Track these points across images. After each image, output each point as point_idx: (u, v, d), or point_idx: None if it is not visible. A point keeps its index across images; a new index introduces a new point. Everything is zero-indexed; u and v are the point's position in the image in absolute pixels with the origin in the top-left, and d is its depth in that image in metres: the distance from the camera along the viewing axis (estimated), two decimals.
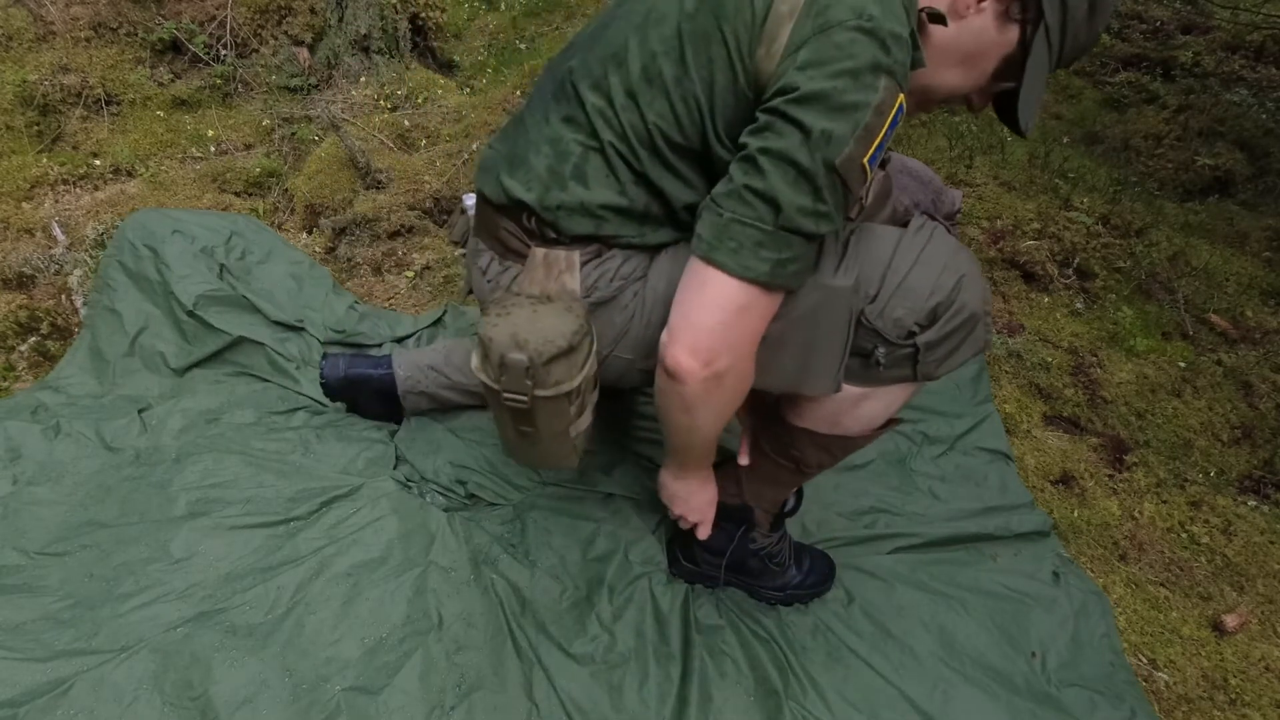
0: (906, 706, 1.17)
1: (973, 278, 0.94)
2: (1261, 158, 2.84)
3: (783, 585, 1.29)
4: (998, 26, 0.88)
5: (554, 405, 0.94)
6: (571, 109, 0.94)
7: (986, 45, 0.89)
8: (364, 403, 1.50)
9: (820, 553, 1.35)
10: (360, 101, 2.48)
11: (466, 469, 1.41)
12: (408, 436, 1.46)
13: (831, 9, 0.78)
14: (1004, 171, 2.68)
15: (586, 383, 0.97)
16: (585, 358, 0.94)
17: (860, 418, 1.04)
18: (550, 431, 0.99)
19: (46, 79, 2.28)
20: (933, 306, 0.92)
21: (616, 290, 0.98)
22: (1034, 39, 0.87)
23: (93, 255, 1.83)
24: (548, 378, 0.92)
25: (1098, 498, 1.61)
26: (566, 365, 0.92)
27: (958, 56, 0.90)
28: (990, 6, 0.87)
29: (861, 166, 0.81)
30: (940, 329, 0.93)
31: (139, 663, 1.04)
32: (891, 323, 0.93)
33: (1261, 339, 2.10)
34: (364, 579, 1.18)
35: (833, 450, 1.11)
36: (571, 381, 0.93)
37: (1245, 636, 1.38)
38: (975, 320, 0.95)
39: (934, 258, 0.93)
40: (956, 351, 0.96)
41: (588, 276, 0.97)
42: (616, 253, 0.98)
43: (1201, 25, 3.71)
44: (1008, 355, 1.93)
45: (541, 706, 1.09)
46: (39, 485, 1.31)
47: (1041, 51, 0.88)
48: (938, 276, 0.92)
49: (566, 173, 0.94)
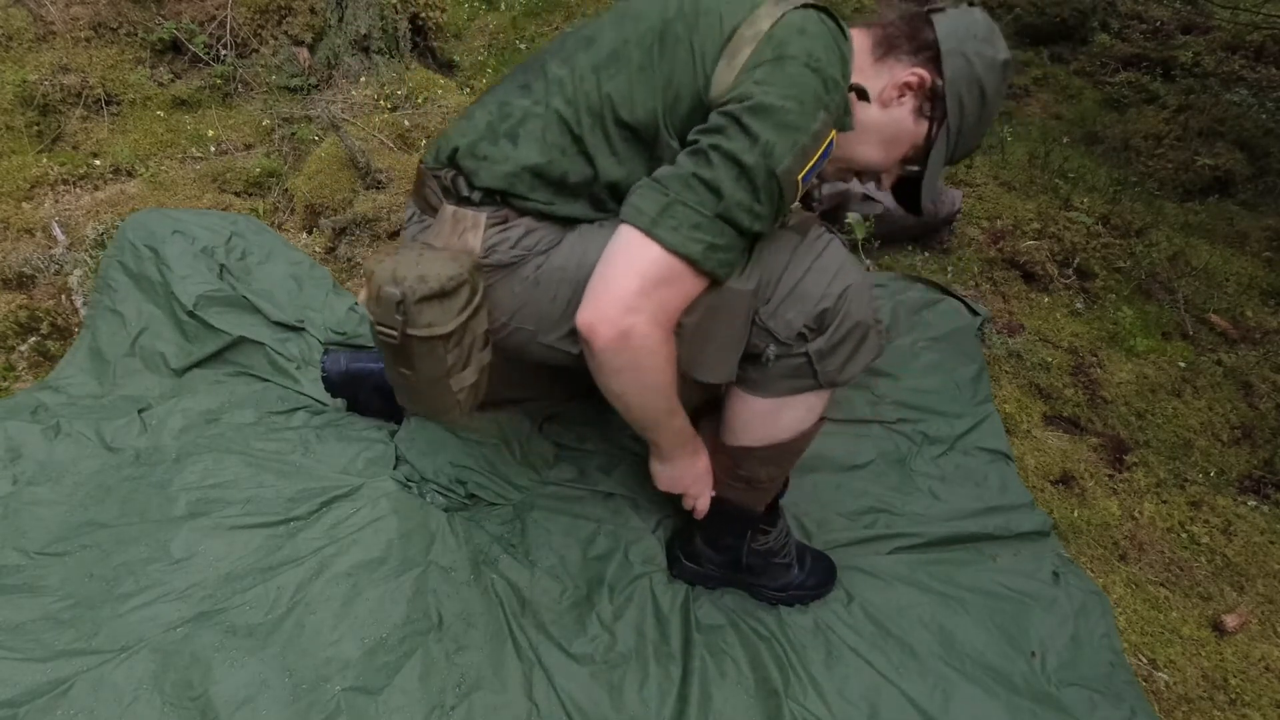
0: (906, 706, 1.17)
1: (859, 289, 1.01)
2: (1261, 158, 2.84)
3: (784, 585, 1.29)
4: (913, 119, 1.05)
5: (427, 347, 0.98)
6: (531, 78, 1.02)
7: (903, 133, 1.06)
8: (364, 399, 1.50)
9: (821, 554, 1.35)
10: (360, 101, 2.48)
11: (466, 469, 1.41)
12: (408, 436, 1.46)
13: (788, 45, 0.90)
14: (1004, 171, 2.68)
15: (471, 336, 1.02)
16: (461, 306, 0.98)
17: (786, 425, 1.11)
18: (427, 375, 1.02)
19: (46, 79, 2.28)
20: (821, 312, 0.99)
21: (515, 258, 1.02)
22: (938, 134, 1.04)
23: (93, 255, 1.83)
24: (419, 317, 0.95)
25: (1098, 498, 1.61)
26: (439, 309, 0.96)
27: (879, 138, 1.07)
28: (909, 102, 1.04)
29: (795, 181, 0.92)
30: (830, 337, 1.01)
31: (139, 663, 1.04)
32: (783, 324, 1.00)
33: (1261, 339, 2.10)
34: (364, 579, 1.18)
35: (776, 460, 1.15)
36: (443, 326, 0.97)
37: (1245, 636, 1.38)
38: (865, 329, 1.02)
39: (826, 267, 1.00)
40: (853, 359, 1.04)
41: (489, 239, 1.01)
42: (522, 223, 1.02)
43: (1201, 25, 3.71)
44: (1008, 355, 1.93)
45: (541, 706, 1.09)
46: (39, 485, 1.31)
47: (941, 146, 1.06)
48: (827, 284, 0.99)
49: (502, 130, 1.00)
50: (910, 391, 1.73)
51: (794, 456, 1.17)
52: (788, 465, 1.18)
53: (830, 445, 1.58)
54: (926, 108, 1.04)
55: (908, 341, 1.84)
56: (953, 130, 1.04)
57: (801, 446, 1.15)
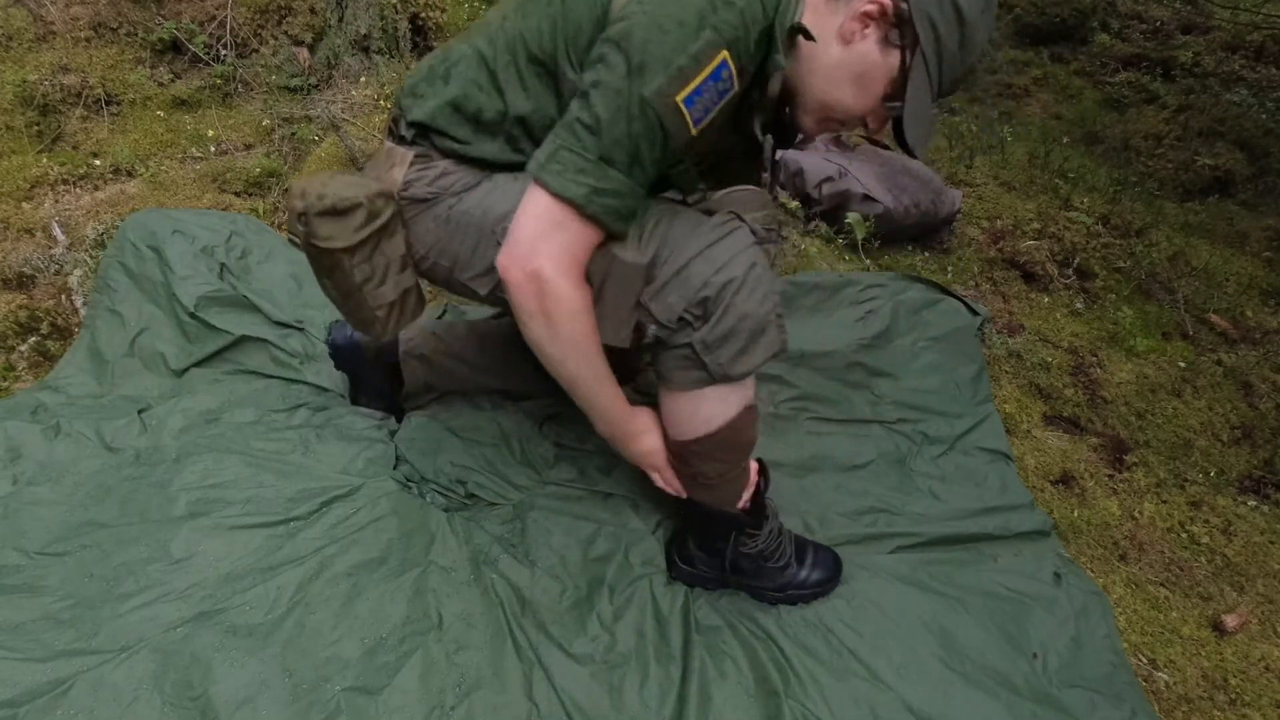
0: (907, 707, 1.17)
1: (752, 283, 0.98)
2: (1261, 158, 2.84)
3: (783, 585, 1.28)
4: (881, 51, 0.96)
5: (330, 259, 1.07)
6: (477, 28, 1.09)
7: (873, 68, 0.97)
8: (366, 372, 1.50)
9: (826, 549, 1.33)
10: (360, 101, 2.48)
11: (466, 469, 1.41)
12: (408, 436, 1.46)
13: None
14: (1004, 171, 2.68)
15: (384, 257, 1.10)
16: (358, 226, 1.06)
17: (706, 418, 1.08)
18: (341, 287, 1.11)
19: (46, 79, 2.28)
20: (703, 299, 0.97)
21: (430, 196, 1.09)
22: (913, 63, 0.95)
23: (93, 255, 1.83)
24: (318, 229, 1.05)
25: (1098, 498, 1.61)
26: (335, 224, 1.05)
27: (848, 77, 0.98)
28: (873, 33, 0.95)
29: (675, 105, 0.89)
30: (714, 328, 0.98)
31: (139, 663, 1.04)
32: (664, 306, 0.99)
33: (1261, 339, 2.10)
34: (364, 579, 1.18)
35: (714, 455, 1.13)
36: (340, 240, 1.05)
37: (1245, 636, 1.38)
38: (758, 323, 0.99)
39: (717, 256, 0.98)
40: (746, 353, 1.00)
41: (409, 175, 1.10)
42: (441, 164, 1.09)
43: (1201, 25, 3.71)
44: (1008, 355, 1.93)
45: (541, 706, 1.09)
46: (39, 485, 1.31)
47: (920, 75, 0.96)
48: (714, 273, 0.97)
49: (440, 71, 1.08)
50: (910, 391, 1.73)
51: (732, 451, 1.14)
52: (730, 459, 1.15)
53: (830, 445, 1.58)
54: (895, 36, 0.95)
55: (908, 341, 1.84)
56: (929, 56, 0.95)
57: (736, 440, 1.12)
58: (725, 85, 0.91)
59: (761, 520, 1.24)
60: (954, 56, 0.96)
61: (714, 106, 0.92)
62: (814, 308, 1.89)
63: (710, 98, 0.91)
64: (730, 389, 1.06)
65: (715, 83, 0.90)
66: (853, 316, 1.87)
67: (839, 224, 2.19)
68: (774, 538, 1.26)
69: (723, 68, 0.89)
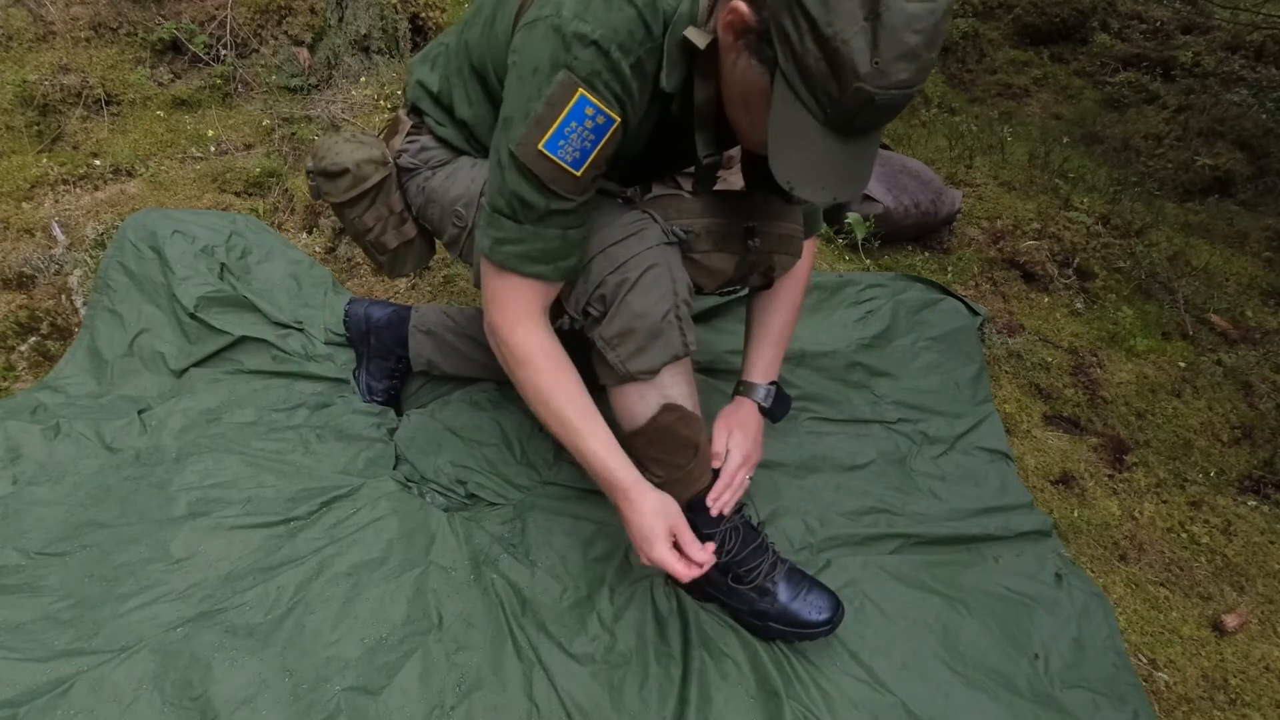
0: (908, 708, 1.17)
1: (647, 284, 0.96)
2: (1261, 158, 2.84)
3: (760, 611, 1.18)
4: (755, 68, 0.81)
5: (337, 210, 1.24)
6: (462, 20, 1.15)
7: (750, 89, 0.83)
8: (375, 342, 1.54)
9: (827, 592, 1.20)
10: (360, 101, 2.48)
11: (466, 469, 1.41)
12: (408, 436, 1.46)
13: (545, 4, 0.86)
14: (1004, 171, 2.68)
15: (379, 212, 1.23)
16: (346, 187, 1.20)
17: (630, 412, 1.08)
18: (352, 230, 1.27)
19: (46, 79, 2.28)
20: (599, 296, 0.99)
21: (411, 166, 1.22)
22: (774, 85, 0.79)
23: (93, 255, 1.83)
24: (322, 186, 1.22)
25: (1098, 498, 1.61)
26: (330, 184, 1.21)
27: (737, 96, 0.86)
28: (742, 47, 0.81)
29: (538, 153, 0.86)
30: (610, 324, 0.99)
31: (139, 663, 1.04)
32: (571, 298, 1.02)
33: (1261, 339, 2.10)
34: (364, 579, 1.18)
35: (652, 453, 1.11)
36: (334, 197, 1.21)
37: (1245, 636, 1.38)
38: (653, 324, 0.98)
39: (618, 255, 0.97)
40: (644, 352, 1.00)
41: (401, 144, 1.22)
42: (427, 138, 1.21)
43: (1201, 25, 3.71)
44: (1008, 355, 1.93)
45: (541, 706, 1.09)
46: (39, 485, 1.31)
47: (784, 99, 0.78)
48: (610, 270, 0.97)
49: (432, 54, 1.20)
50: (910, 391, 1.73)
51: (662, 446, 1.09)
52: (663, 453, 1.10)
53: (830, 445, 1.58)
54: (766, 51, 0.78)
55: (908, 341, 1.84)
56: (790, 76, 0.76)
57: (661, 438, 1.08)
58: (598, 121, 0.85)
59: (718, 521, 1.15)
60: (825, 78, 0.74)
61: (592, 144, 0.86)
62: (814, 308, 1.88)
63: (582, 137, 0.85)
64: (647, 387, 1.05)
65: (579, 123, 0.84)
66: (853, 316, 1.87)
67: (839, 224, 2.19)
68: (754, 554, 1.17)
69: (582, 104, 0.83)
